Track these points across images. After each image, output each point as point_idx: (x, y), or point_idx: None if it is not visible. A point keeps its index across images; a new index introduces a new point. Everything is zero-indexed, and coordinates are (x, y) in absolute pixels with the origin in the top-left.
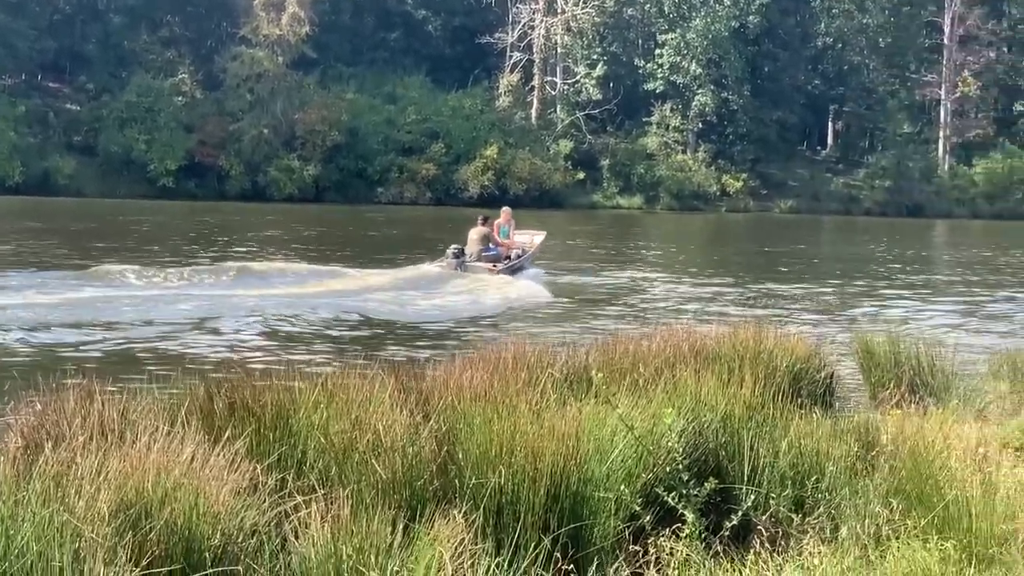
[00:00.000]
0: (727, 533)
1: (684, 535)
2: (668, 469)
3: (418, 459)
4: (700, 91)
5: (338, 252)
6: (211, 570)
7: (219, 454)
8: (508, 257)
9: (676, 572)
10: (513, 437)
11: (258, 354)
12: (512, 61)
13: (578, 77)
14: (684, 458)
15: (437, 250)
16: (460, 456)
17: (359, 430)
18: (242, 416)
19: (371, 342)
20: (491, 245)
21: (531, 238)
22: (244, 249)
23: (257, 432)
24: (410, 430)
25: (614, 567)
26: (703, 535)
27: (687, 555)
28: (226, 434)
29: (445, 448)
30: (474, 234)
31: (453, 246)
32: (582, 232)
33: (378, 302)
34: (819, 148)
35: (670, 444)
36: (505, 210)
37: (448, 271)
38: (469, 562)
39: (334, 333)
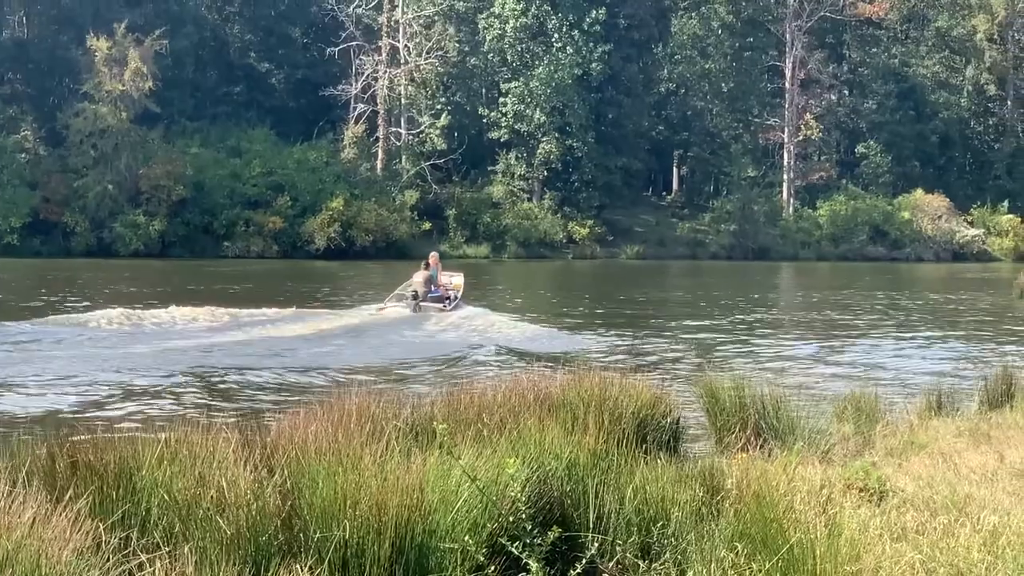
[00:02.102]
0: None
1: None
2: (512, 519)
3: (262, 514)
4: (545, 139)
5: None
6: None
7: (61, 514)
8: (448, 298)
9: None
10: (357, 490)
11: (109, 410)
12: (356, 113)
13: (423, 127)
14: (528, 507)
15: (323, 300)
16: (305, 510)
17: (203, 486)
18: (85, 475)
19: (230, 393)
20: (434, 287)
21: (451, 279)
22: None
23: (100, 490)
24: (254, 485)
25: None
26: None
27: None
28: (68, 493)
29: (289, 502)
30: (419, 278)
31: (410, 290)
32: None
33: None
34: (664, 193)
35: (514, 494)
36: (433, 255)
37: (407, 312)
38: None
39: (204, 384)
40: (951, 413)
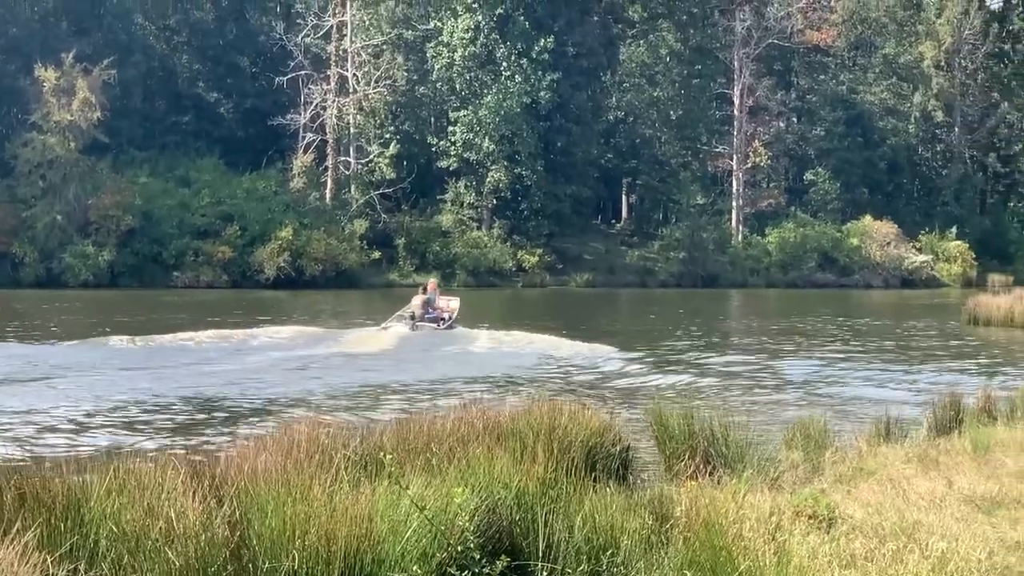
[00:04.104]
0: None
1: None
2: (461, 548)
3: (211, 544)
4: (493, 167)
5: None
6: None
7: (8, 547)
8: (443, 319)
9: None
10: (306, 520)
11: (61, 439)
12: (305, 142)
13: (371, 156)
14: (477, 536)
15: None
16: (254, 541)
17: (151, 517)
18: (32, 506)
19: (179, 424)
20: (431, 309)
21: (448, 303)
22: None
23: (48, 522)
24: (203, 515)
25: None
26: None
27: None
28: (16, 526)
29: (238, 533)
30: (417, 300)
31: (408, 311)
32: (377, 311)
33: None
34: (613, 221)
35: (462, 523)
36: (432, 281)
37: (408, 330)
38: None
39: (168, 413)
40: (900, 439)
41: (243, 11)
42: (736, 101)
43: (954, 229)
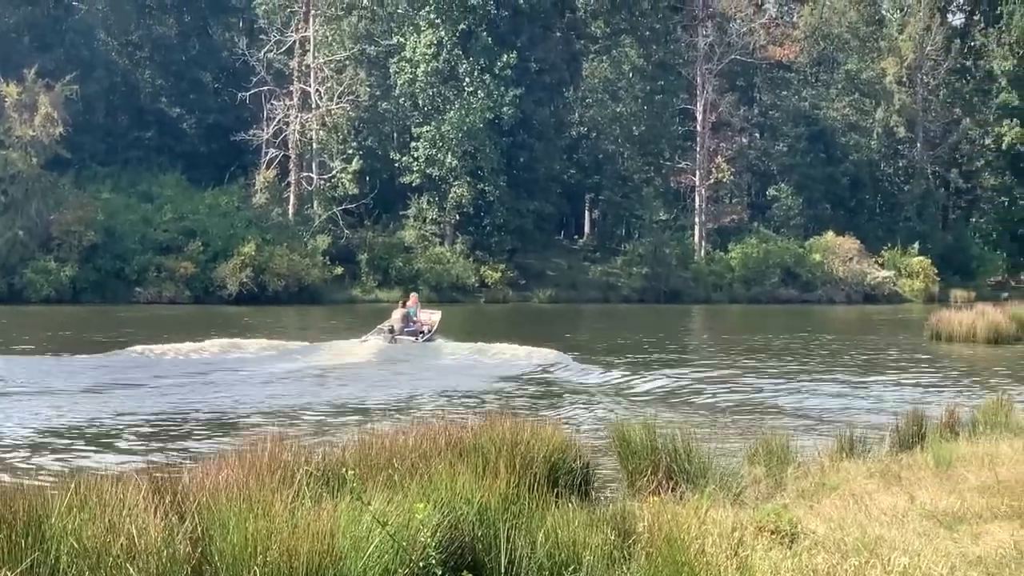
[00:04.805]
0: None
1: None
2: (423, 564)
3: (173, 561)
4: (456, 183)
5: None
6: None
7: None
8: (422, 332)
9: None
10: (268, 536)
11: (24, 455)
12: (268, 158)
13: (334, 172)
14: (439, 552)
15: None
16: (215, 557)
17: (113, 533)
18: None
19: (142, 439)
20: (411, 322)
21: (430, 316)
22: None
23: (9, 539)
24: (164, 532)
25: None
26: None
27: None
28: None
29: (200, 549)
30: (397, 314)
31: (387, 324)
32: (339, 327)
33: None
34: (576, 237)
35: (424, 539)
36: (413, 295)
37: (387, 343)
38: None
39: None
40: (862, 455)
41: (206, 27)
42: (699, 117)
43: (916, 245)
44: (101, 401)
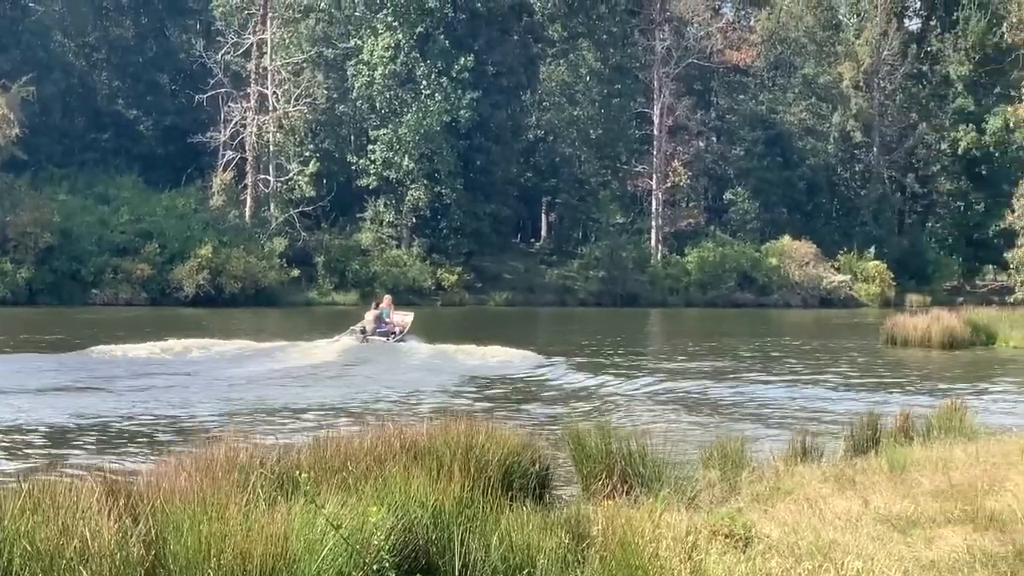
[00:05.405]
0: None
1: None
2: (376, 567)
3: (126, 563)
4: (413, 186)
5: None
6: None
7: None
8: (393, 333)
9: None
10: (222, 539)
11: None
12: (225, 160)
13: (291, 174)
14: (393, 555)
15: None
16: (169, 559)
17: (66, 536)
18: None
19: (97, 441)
20: (383, 323)
21: (403, 318)
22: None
23: None
24: (118, 534)
25: None
26: None
27: None
28: None
29: (154, 551)
30: (370, 316)
31: (359, 325)
32: (296, 330)
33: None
34: (533, 240)
35: (378, 542)
36: (387, 297)
37: (358, 343)
38: None
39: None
40: (817, 459)
41: (163, 29)
42: (656, 120)
43: (872, 249)
44: (57, 402)
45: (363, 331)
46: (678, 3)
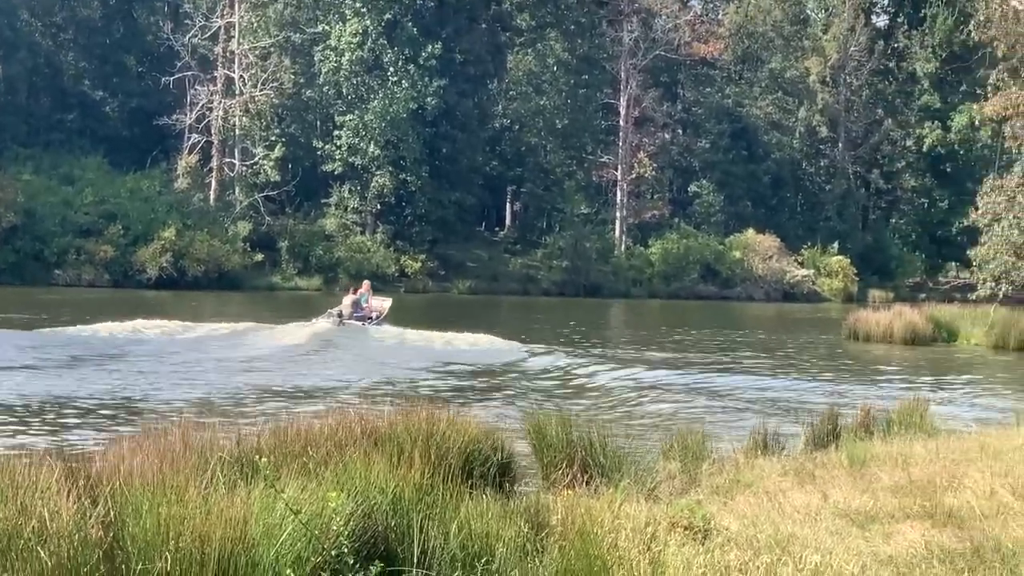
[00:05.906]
0: None
1: None
2: (335, 553)
3: (84, 545)
4: (378, 172)
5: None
6: None
7: None
8: (370, 318)
9: None
10: (181, 522)
11: None
12: (190, 143)
13: (257, 159)
14: (352, 541)
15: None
16: (127, 542)
17: (24, 516)
18: None
19: (57, 422)
20: (360, 308)
21: (381, 303)
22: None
23: None
24: (77, 515)
25: None
26: None
27: None
28: None
29: (112, 533)
30: (347, 300)
31: (337, 309)
32: (259, 313)
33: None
34: (497, 229)
35: (337, 527)
36: (366, 283)
37: (334, 326)
38: None
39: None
40: (777, 452)
41: (131, 10)
42: (622, 111)
43: (836, 244)
44: (16, 381)
45: (340, 315)
46: None
